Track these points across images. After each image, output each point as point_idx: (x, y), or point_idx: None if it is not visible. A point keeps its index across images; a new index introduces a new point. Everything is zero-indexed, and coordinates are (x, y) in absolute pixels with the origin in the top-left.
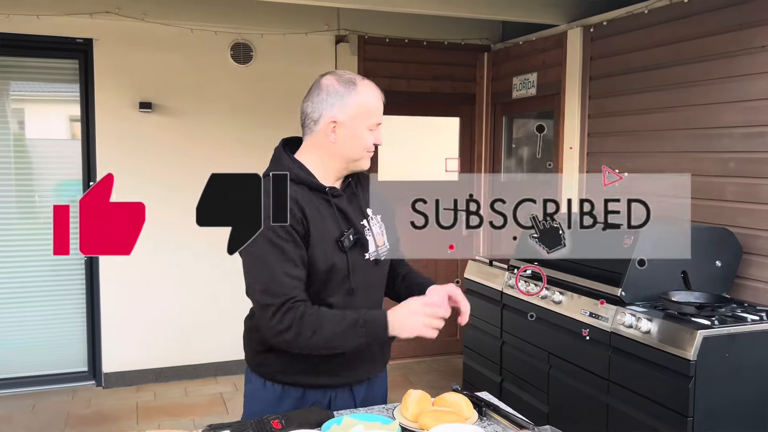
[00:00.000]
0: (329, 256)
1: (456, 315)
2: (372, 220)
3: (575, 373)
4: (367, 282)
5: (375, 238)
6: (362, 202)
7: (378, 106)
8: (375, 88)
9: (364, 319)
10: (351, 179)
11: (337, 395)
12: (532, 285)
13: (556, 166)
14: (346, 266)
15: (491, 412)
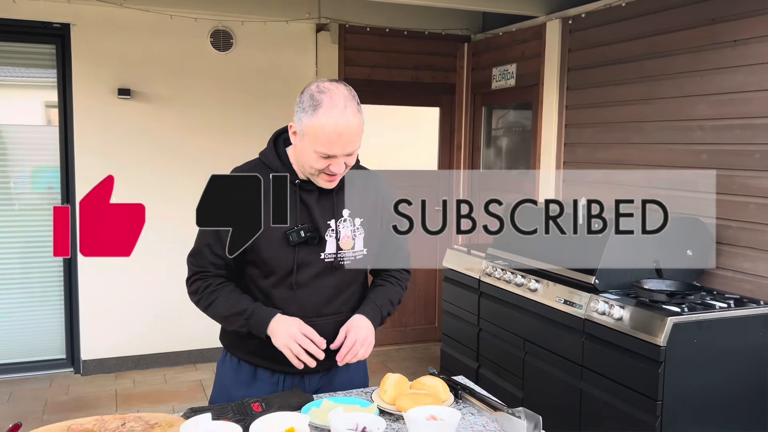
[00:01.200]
0: (275, 247)
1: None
2: (344, 222)
3: (550, 359)
4: (319, 283)
5: (339, 240)
6: (342, 201)
7: (329, 140)
8: (345, 122)
9: (252, 312)
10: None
11: (285, 380)
12: (509, 273)
13: (535, 157)
14: (291, 261)
15: (467, 394)
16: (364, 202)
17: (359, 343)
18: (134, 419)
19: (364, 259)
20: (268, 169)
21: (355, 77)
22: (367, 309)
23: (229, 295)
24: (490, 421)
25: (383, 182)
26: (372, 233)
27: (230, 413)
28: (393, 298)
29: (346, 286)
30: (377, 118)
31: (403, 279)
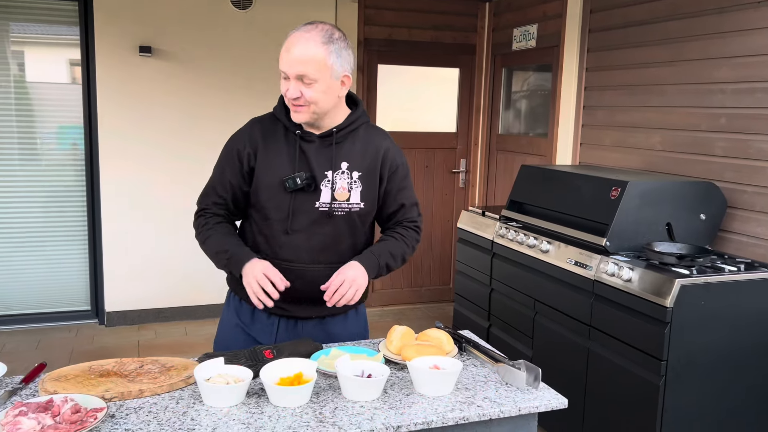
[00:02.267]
0: (272, 192)
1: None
2: (342, 174)
3: (559, 319)
4: (314, 230)
5: (335, 191)
6: (342, 154)
7: (282, 55)
8: (296, 39)
9: (232, 253)
10: (342, 130)
11: (280, 323)
12: (521, 235)
13: (553, 119)
14: (287, 207)
15: (470, 347)
16: (365, 157)
17: (347, 283)
18: (151, 362)
19: (362, 213)
20: (277, 122)
21: (375, 37)
22: (363, 256)
23: (220, 235)
24: (492, 372)
25: (391, 142)
26: (370, 188)
27: (242, 359)
28: (395, 252)
29: (342, 237)
30: (396, 78)
31: (409, 237)
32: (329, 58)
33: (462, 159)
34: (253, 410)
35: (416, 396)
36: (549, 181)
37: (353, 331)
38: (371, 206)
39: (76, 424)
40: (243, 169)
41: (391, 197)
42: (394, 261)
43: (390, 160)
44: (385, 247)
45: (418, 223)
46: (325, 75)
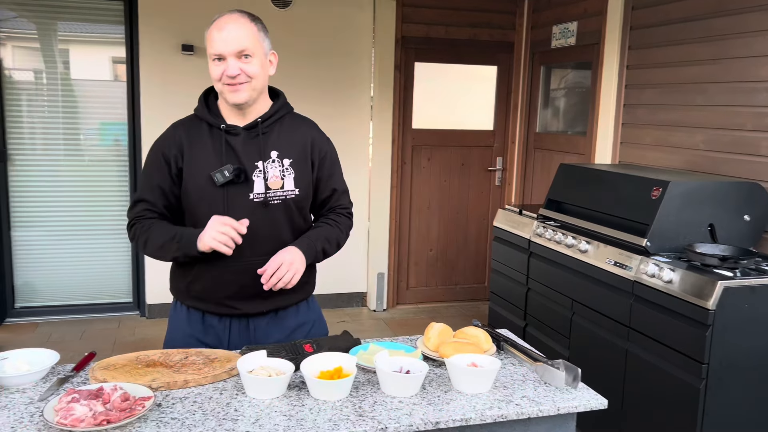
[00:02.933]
0: (204, 190)
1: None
2: (273, 163)
3: (597, 320)
4: (251, 223)
5: (268, 180)
6: (270, 143)
7: (215, 37)
8: (225, 20)
9: (181, 235)
10: (267, 120)
11: (232, 324)
12: (560, 234)
13: (593, 118)
14: (221, 202)
15: (508, 345)
16: (294, 144)
17: (285, 266)
18: (195, 353)
19: (298, 199)
20: (199, 121)
21: (412, 35)
22: (300, 241)
23: (161, 228)
24: (530, 371)
25: (317, 130)
26: (303, 174)
27: (283, 352)
28: (330, 238)
29: (281, 226)
30: (433, 76)
31: (343, 223)
32: (259, 35)
33: (498, 157)
34: (294, 402)
35: (454, 393)
36: (588, 180)
37: (308, 323)
38: (306, 192)
39: (126, 411)
40: (172, 171)
41: (322, 183)
42: (330, 246)
43: (318, 147)
44: (320, 233)
45: (350, 209)
46: (260, 50)
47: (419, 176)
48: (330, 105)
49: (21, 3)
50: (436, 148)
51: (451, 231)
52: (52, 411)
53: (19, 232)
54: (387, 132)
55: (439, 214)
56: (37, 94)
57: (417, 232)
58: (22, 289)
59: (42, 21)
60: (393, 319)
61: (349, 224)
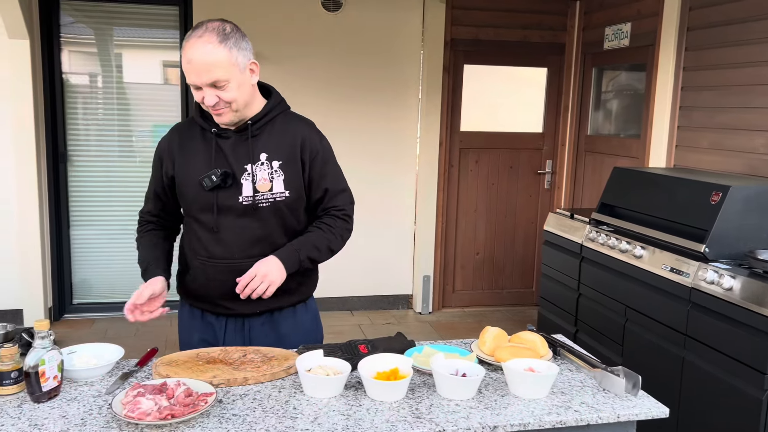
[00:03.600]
0: (195, 193)
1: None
2: (261, 165)
3: (652, 327)
4: (241, 225)
5: (256, 183)
6: (259, 146)
7: (186, 69)
8: (193, 49)
9: (146, 267)
10: (258, 122)
11: (228, 323)
12: (613, 239)
13: (647, 120)
14: (211, 205)
15: (565, 351)
16: (283, 145)
17: (258, 278)
18: (253, 351)
19: (288, 201)
20: (194, 124)
21: (461, 37)
22: (282, 249)
23: (145, 245)
24: (588, 378)
25: (310, 128)
26: (293, 176)
27: (339, 352)
28: (319, 244)
29: (272, 229)
30: (482, 78)
31: (337, 227)
32: (231, 56)
33: (548, 160)
34: (351, 402)
35: (511, 397)
36: (643, 184)
37: (304, 327)
38: (297, 193)
39: (189, 406)
40: (164, 177)
41: (314, 184)
42: (319, 253)
43: (309, 146)
44: (307, 240)
45: (347, 210)
46: (234, 73)
47: (466, 179)
48: (378, 107)
49: (80, 9)
50: (484, 151)
51: (499, 234)
52: (120, 404)
53: (77, 231)
54: (435, 134)
55: (487, 217)
56: (93, 97)
57: (464, 235)
58: (79, 286)
59: (99, 26)
60: (439, 322)
61: (346, 227)
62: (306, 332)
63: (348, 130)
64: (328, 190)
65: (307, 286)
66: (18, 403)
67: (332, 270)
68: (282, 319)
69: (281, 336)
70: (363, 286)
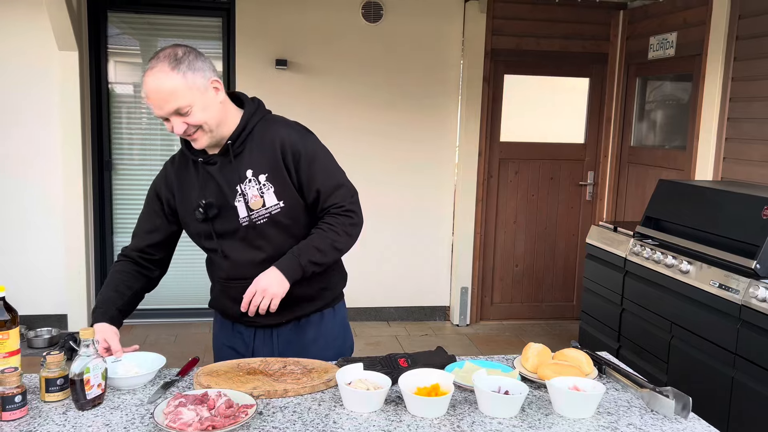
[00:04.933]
0: (196, 225)
1: None
2: (249, 183)
3: (699, 345)
4: (246, 246)
5: (249, 203)
6: (243, 164)
7: (149, 103)
8: (149, 82)
9: (96, 306)
10: (237, 140)
11: (257, 333)
12: (658, 253)
13: (693, 132)
14: (211, 236)
15: (611, 370)
16: (265, 156)
17: (259, 294)
18: (293, 363)
19: (284, 212)
20: (186, 155)
21: (503, 47)
22: (282, 259)
23: (108, 283)
24: (635, 398)
25: (289, 130)
26: (283, 185)
27: (379, 365)
28: (321, 246)
29: (277, 241)
30: (523, 88)
31: (338, 224)
32: (186, 80)
33: (590, 171)
34: (391, 418)
35: (555, 417)
36: (690, 197)
37: (331, 333)
38: (292, 201)
39: (230, 418)
40: (165, 210)
41: (305, 186)
42: (322, 254)
43: (290, 149)
44: (307, 244)
45: (347, 206)
46: (195, 96)
47: (506, 190)
48: (417, 117)
49: (127, 21)
50: (524, 162)
51: (538, 246)
52: (162, 414)
53: (120, 238)
54: (474, 144)
55: (526, 228)
56: (137, 106)
57: (502, 247)
58: None
59: (144, 38)
60: (477, 334)
61: (350, 222)
62: (333, 338)
63: (387, 139)
64: (320, 191)
65: (332, 290)
66: (63, 410)
67: (369, 280)
68: (308, 325)
69: (307, 342)
70: (400, 297)
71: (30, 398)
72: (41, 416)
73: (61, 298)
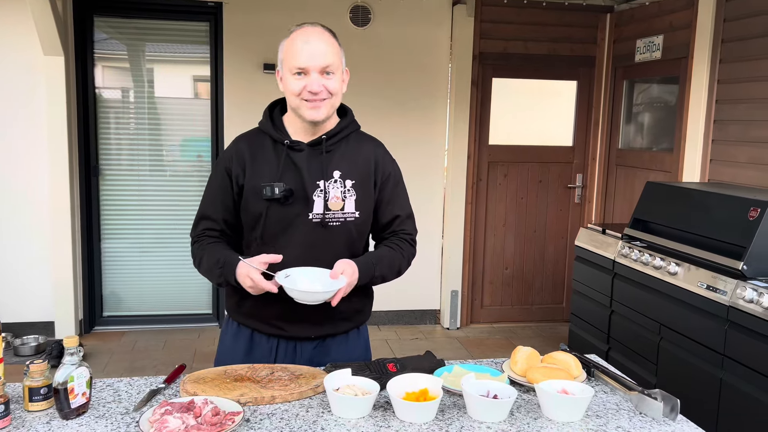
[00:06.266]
0: (263, 206)
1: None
2: (335, 183)
3: (687, 346)
4: (309, 244)
5: (328, 201)
6: (333, 162)
7: (299, 49)
8: (310, 32)
9: (224, 261)
10: (333, 138)
11: (279, 345)
12: (647, 255)
13: (680, 134)
14: (277, 220)
15: (600, 373)
16: (357, 164)
17: (346, 289)
18: (281, 369)
19: (358, 222)
20: (263, 135)
21: (490, 50)
22: (359, 260)
23: (212, 250)
24: (623, 401)
25: (383, 150)
26: (365, 197)
27: (367, 371)
28: (392, 264)
29: (339, 249)
30: (511, 91)
31: (406, 250)
32: (340, 51)
33: (578, 174)
34: (380, 423)
35: (544, 420)
36: (677, 199)
37: (354, 354)
38: (367, 216)
39: (216, 426)
40: (234, 189)
41: (383, 206)
42: (390, 273)
43: (382, 167)
44: (383, 257)
45: (414, 236)
46: (340, 67)
47: (495, 193)
48: (406, 121)
49: (113, 26)
50: (513, 164)
51: (528, 249)
52: (147, 422)
53: (107, 244)
54: (463, 148)
55: (516, 231)
56: (125, 111)
57: (492, 250)
58: (109, 299)
59: (131, 42)
60: (467, 337)
61: (412, 252)
62: (355, 358)
63: None
64: (398, 216)
65: (364, 313)
66: (47, 419)
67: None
68: (334, 344)
69: (329, 362)
70: (390, 301)
71: (13, 408)
72: (24, 426)
73: (48, 305)
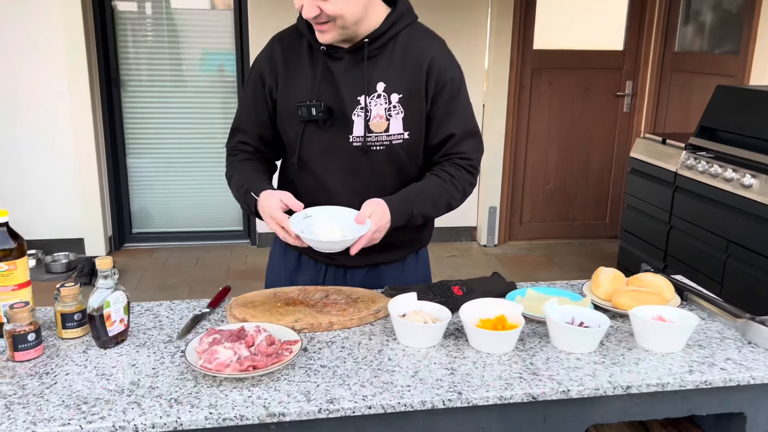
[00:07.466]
0: (296, 123)
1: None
2: (378, 99)
3: (760, 264)
4: (350, 171)
5: (370, 121)
6: (376, 73)
7: None
8: None
9: (248, 188)
10: (376, 41)
11: (327, 270)
12: (716, 167)
13: (749, 35)
14: (313, 142)
15: (695, 296)
16: (405, 72)
17: (368, 238)
18: (335, 292)
19: (407, 144)
20: (300, 37)
21: None
22: (393, 198)
23: (241, 171)
24: (726, 329)
25: (440, 48)
26: (415, 113)
27: (431, 294)
28: (437, 199)
29: (385, 176)
30: None
31: (460, 179)
32: None
33: (628, 81)
34: (453, 354)
35: (640, 351)
36: (753, 104)
37: (413, 279)
38: (418, 135)
39: (272, 357)
40: (268, 101)
41: (436, 121)
42: (435, 209)
43: (437, 72)
44: (424, 192)
45: (474, 161)
46: None
47: (538, 102)
48: (444, 22)
49: None
50: (558, 71)
51: (571, 162)
52: (194, 352)
53: (133, 160)
54: (505, 54)
55: (559, 143)
56: (142, 24)
57: (533, 163)
58: (138, 215)
59: None
60: (505, 255)
61: (470, 180)
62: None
63: None
64: (453, 135)
65: (420, 241)
66: (83, 348)
67: None
68: (388, 271)
69: (383, 285)
70: None
71: (46, 335)
72: (59, 356)
73: (77, 221)
